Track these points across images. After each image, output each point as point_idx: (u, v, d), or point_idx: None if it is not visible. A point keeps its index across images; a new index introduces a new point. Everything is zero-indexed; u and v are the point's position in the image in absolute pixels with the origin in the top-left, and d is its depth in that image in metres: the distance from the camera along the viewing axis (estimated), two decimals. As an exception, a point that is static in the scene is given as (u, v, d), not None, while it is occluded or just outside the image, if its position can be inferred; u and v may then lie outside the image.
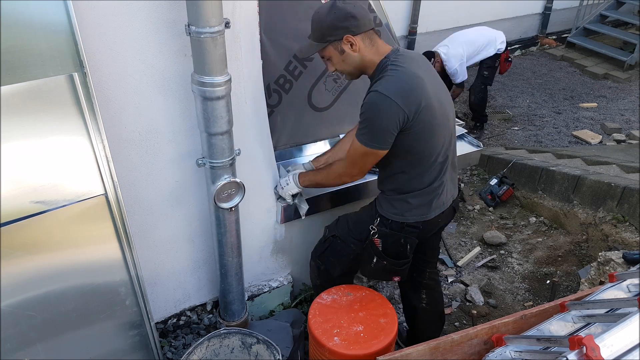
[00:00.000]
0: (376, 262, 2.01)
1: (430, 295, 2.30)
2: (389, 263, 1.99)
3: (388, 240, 1.96)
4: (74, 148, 1.45)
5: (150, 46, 1.65)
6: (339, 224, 2.17)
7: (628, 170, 3.49)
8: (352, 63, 1.81)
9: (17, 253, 1.46)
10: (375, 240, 1.98)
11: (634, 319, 1.30)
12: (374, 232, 1.97)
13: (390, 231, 1.95)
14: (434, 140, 1.81)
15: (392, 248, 1.97)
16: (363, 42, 1.76)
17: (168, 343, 2.27)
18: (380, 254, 1.99)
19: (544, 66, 6.80)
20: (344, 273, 2.22)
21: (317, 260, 2.24)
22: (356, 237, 2.07)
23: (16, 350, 1.58)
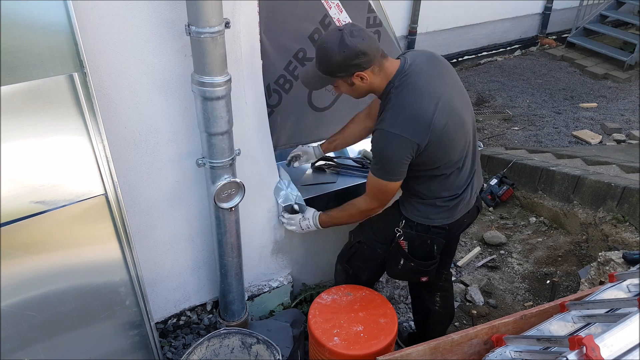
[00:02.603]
0: (403, 264, 2.00)
1: (445, 297, 2.30)
2: (416, 264, 1.99)
3: (414, 242, 1.96)
4: (74, 148, 1.45)
5: (150, 46, 1.65)
6: (364, 229, 2.15)
7: (628, 170, 3.49)
8: (361, 91, 1.81)
9: (17, 253, 1.46)
10: (402, 242, 1.97)
11: (634, 319, 1.30)
12: (400, 234, 1.96)
13: (416, 233, 1.93)
14: (452, 151, 1.79)
15: (419, 249, 1.96)
16: (373, 73, 1.74)
17: (168, 343, 2.27)
18: (407, 255, 1.98)
19: (544, 66, 6.80)
20: (372, 277, 2.24)
21: (345, 265, 2.23)
22: (382, 241, 2.06)
23: (16, 350, 1.58)
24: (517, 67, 6.73)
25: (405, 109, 1.70)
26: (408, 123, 1.68)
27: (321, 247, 2.39)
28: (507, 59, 7.06)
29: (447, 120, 1.72)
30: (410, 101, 1.70)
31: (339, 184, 2.41)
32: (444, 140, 1.74)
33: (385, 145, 1.72)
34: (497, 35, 6.94)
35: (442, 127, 1.71)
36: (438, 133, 1.70)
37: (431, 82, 1.74)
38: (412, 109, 1.69)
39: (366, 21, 2.38)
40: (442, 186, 1.85)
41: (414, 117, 1.69)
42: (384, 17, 2.52)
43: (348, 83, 1.77)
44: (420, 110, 1.69)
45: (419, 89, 1.72)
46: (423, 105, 1.70)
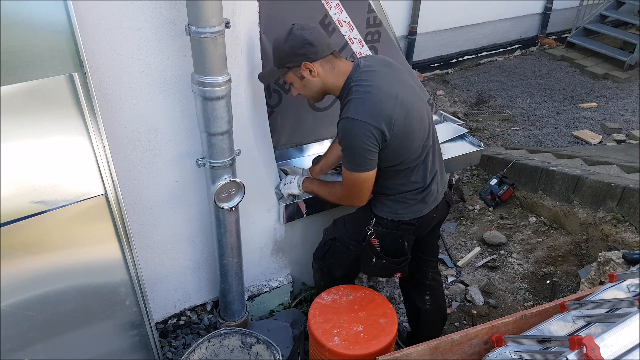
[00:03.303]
0: (376, 262, 2.03)
1: (434, 296, 2.31)
2: (388, 262, 2.01)
3: (385, 240, 1.98)
4: (74, 148, 1.45)
5: (150, 46, 1.65)
6: (336, 226, 2.18)
7: (628, 170, 3.49)
8: (314, 88, 1.85)
9: (17, 253, 1.46)
10: (373, 240, 1.99)
11: (634, 319, 1.30)
12: (371, 232, 1.99)
13: (386, 230, 1.96)
14: (413, 144, 1.83)
15: (390, 247, 1.99)
16: (322, 68, 1.79)
17: (168, 343, 2.27)
18: (378, 253, 2.00)
19: (544, 66, 6.81)
20: (347, 273, 2.24)
21: (319, 262, 2.25)
22: (354, 238, 2.08)
23: (16, 350, 1.58)
24: (517, 67, 6.73)
25: (369, 99, 1.73)
26: (372, 111, 1.72)
27: (321, 247, 2.40)
28: (507, 59, 7.06)
29: (406, 114, 1.77)
30: (373, 92, 1.74)
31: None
32: (406, 133, 1.78)
33: (352, 132, 1.73)
34: (497, 35, 6.94)
35: (403, 120, 1.76)
36: (400, 126, 1.75)
37: (386, 80, 1.80)
38: (376, 99, 1.73)
39: (366, 21, 2.38)
40: (408, 180, 1.90)
41: (377, 106, 1.72)
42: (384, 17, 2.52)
43: (298, 76, 1.82)
44: (382, 102, 1.73)
45: (377, 84, 1.76)
46: (384, 97, 1.74)
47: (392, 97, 1.75)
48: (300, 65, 1.77)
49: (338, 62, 1.82)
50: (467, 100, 5.84)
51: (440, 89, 6.11)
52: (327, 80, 1.82)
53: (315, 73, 1.79)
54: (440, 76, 6.45)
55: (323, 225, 2.43)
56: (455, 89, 6.12)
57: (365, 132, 1.71)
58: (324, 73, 1.80)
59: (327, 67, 1.80)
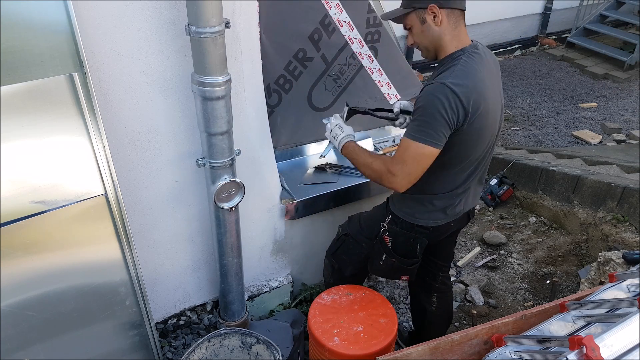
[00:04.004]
0: (385, 260, 2.00)
1: (442, 299, 2.29)
2: (398, 261, 1.98)
3: (398, 239, 1.95)
4: (74, 148, 1.45)
5: (150, 46, 1.65)
6: (351, 222, 2.16)
7: (628, 170, 3.49)
8: (431, 37, 1.72)
9: (17, 253, 1.46)
10: (385, 237, 1.97)
11: (634, 319, 1.30)
12: (385, 229, 1.97)
13: (400, 230, 1.93)
14: (477, 148, 1.75)
15: (402, 247, 1.96)
16: (447, 19, 1.68)
17: (168, 343, 2.27)
18: (389, 251, 1.98)
19: (544, 66, 6.80)
20: (356, 272, 2.22)
21: (331, 258, 2.24)
22: (367, 235, 2.06)
23: (16, 350, 1.58)
24: (517, 67, 6.73)
25: (470, 76, 1.63)
26: (467, 88, 1.60)
27: (321, 247, 2.39)
28: (507, 59, 7.06)
29: (489, 117, 1.70)
30: (476, 72, 1.65)
31: (340, 184, 2.41)
32: (477, 134, 1.69)
33: (437, 96, 1.59)
34: (497, 35, 6.94)
35: (484, 119, 1.67)
36: (479, 121, 1.66)
37: (491, 73, 1.73)
38: (476, 78, 1.64)
39: (366, 21, 2.38)
40: (443, 183, 1.82)
41: (474, 86, 1.62)
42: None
43: (420, 20, 1.71)
44: (481, 89, 1.64)
45: (484, 71, 1.68)
46: (483, 87, 1.65)
47: (488, 93, 1.67)
48: (427, 7, 1.66)
49: (462, 26, 1.71)
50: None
51: (440, 89, 6.10)
52: (445, 35, 1.69)
53: (439, 21, 1.67)
54: (440, 76, 6.45)
55: (323, 225, 2.44)
56: (455, 89, 6.11)
57: (452, 103, 1.58)
58: (447, 25, 1.68)
59: (452, 21, 1.68)
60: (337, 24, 2.29)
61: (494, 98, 1.71)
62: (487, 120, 1.69)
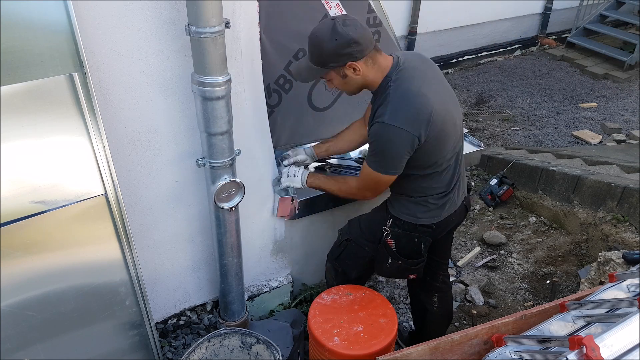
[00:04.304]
0: (391, 263, 2.01)
1: (442, 298, 2.30)
2: (404, 263, 2.00)
3: (402, 241, 1.97)
4: (74, 148, 1.45)
5: (150, 46, 1.65)
6: (352, 227, 2.16)
7: (628, 170, 3.49)
8: (354, 85, 1.79)
9: (17, 253, 1.46)
10: (389, 241, 1.98)
11: (634, 319, 1.30)
12: (387, 233, 1.97)
13: (403, 232, 1.95)
14: (445, 148, 1.80)
15: (406, 248, 1.97)
16: (366, 65, 1.72)
17: (168, 343, 2.27)
18: (394, 254, 1.99)
19: (544, 66, 6.80)
20: (362, 274, 2.24)
21: (334, 262, 2.24)
22: (369, 239, 2.07)
23: (16, 350, 1.58)
24: (517, 67, 6.73)
25: (406, 103, 1.68)
26: (409, 116, 1.67)
27: (321, 247, 2.39)
28: (507, 59, 7.05)
29: (443, 117, 1.74)
30: (411, 95, 1.69)
31: (339, 184, 2.40)
32: (440, 137, 1.75)
33: (387, 138, 1.69)
34: (497, 35, 6.94)
35: (440, 123, 1.72)
36: (436, 129, 1.71)
37: (426, 79, 1.75)
38: (414, 102, 1.68)
39: (366, 21, 2.38)
40: (432, 184, 1.87)
41: (415, 110, 1.68)
42: (384, 17, 2.52)
43: (340, 75, 1.74)
44: (420, 105, 1.68)
45: (417, 84, 1.71)
46: (423, 100, 1.69)
47: (429, 98, 1.69)
48: (345, 64, 1.70)
49: (379, 58, 1.74)
50: (467, 100, 5.83)
51: (440, 89, 6.10)
52: (368, 76, 1.75)
53: (359, 71, 1.71)
54: (440, 76, 6.45)
55: (323, 225, 2.43)
56: (455, 89, 6.12)
57: (401, 139, 1.67)
58: (367, 70, 1.73)
59: (370, 63, 1.72)
60: (337, 24, 2.28)
61: (438, 98, 1.73)
62: (442, 123, 1.73)
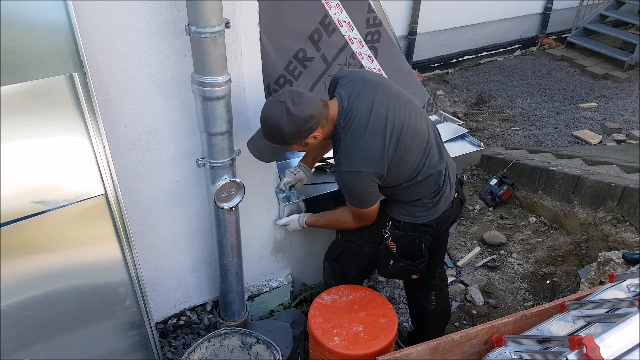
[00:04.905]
0: (393, 265, 2.03)
1: (439, 296, 2.31)
2: (406, 264, 2.01)
3: (402, 242, 1.98)
4: (74, 148, 1.45)
5: (150, 46, 1.65)
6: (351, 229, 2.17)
7: (628, 170, 3.49)
8: (316, 146, 1.92)
9: (17, 253, 1.46)
10: (390, 243, 1.99)
11: (634, 319, 1.30)
12: (387, 235, 1.99)
13: (403, 233, 1.96)
14: (412, 161, 1.84)
15: (407, 249, 1.99)
16: (322, 128, 1.78)
17: (168, 343, 2.27)
18: (395, 256, 2.00)
19: (544, 66, 6.80)
20: (360, 274, 2.25)
21: (332, 262, 2.25)
22: (369, 240, 2.08)
23: (16, 350, 1.58)
24: (517, 67, 6.73)
25: (357, 147, 1.76)
26: (363, 158, 1.75)
27: (321, 248, 2.39)
28: (507, 59, 7.06)
29: (398, 138, 1.77)
30: (359, 137, 1.75)
31: (339, 184, 2.40)
32: (404, 158, 1.80)
33: (349, 184, 1.81)
34: (497, 35, 6.94)
35: (396, 148, 1.77)
36: (396, 157, 1.78)
37: (372, 108, 1.77)
38: (364, 144, 1.75)
39: (366, 21, 2.38)
40: (422, 188, 1.90)
41: (366, 152, 1.75)
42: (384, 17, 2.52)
43: (303, 145, 1.83)
44: (371, 145, 1.75)
45: (364, 122, 1.75)
46: (372, 139, 1.75)
47: (380, 128, 1.74)
48: (308, 137, 1.77)
49: (329, 112, 1.78)
50: (467, 100, 5.84)
51: (440, 89, 6.11)
52: (326, 134, 1.82)
53: (319, 136, 1.79)
54: (440, 76, 6.45)
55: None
56: (455, 89, 6.12)
57: (362, 180, 1.77)
58: (324, 130, 1.80)
59: (324, 123, 1.78)
60: (337, 24, 2.29)
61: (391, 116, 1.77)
62: (400, 141, 1.78)
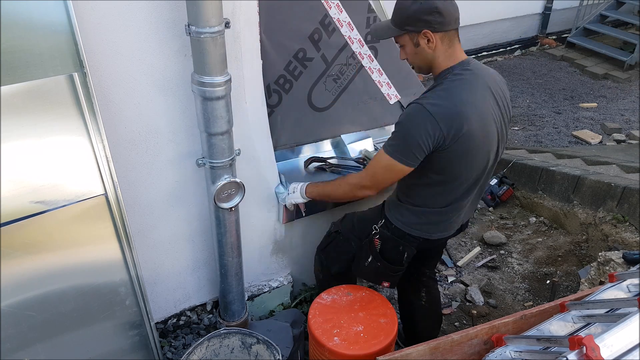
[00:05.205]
0: (370, 262, 2.00)
1: (430, 293, 2.31)
2: (383, 266, 1.98)
3: (387, 244, 1.96)
4: (74, 148, 1.45)
5: (150, 46, 1.65)
6: (345, 220, 2.17)
7: (628, 170, 3.49)
8: (424, 59, 1.71)
9: (17, 253, 1.46)
10: (376, 240, 1.97)
11: (634, 319, 1.30)
12: (376, 232, 1.97)
13: (391, 235, 1.94)
14: (469, 168, 1.73)
15: (390, 252, 1.97)
16: (441, 42, 1.65)
17: (168, 343, 2.27)
18: (376, 254, 1.98)
19: (544, 66, 6.80)
20: (342, 271, 2.21)
21: (320, 254, 2.25)
22: (358, 235, 2.07)
23: (16, 350, 1.58)
24: (517, 67, 6.73)
25: (451, 97, 1.62)
26: (446, 110, 1.60)
27: (321, 247, 2.40)
28: (507, 59, 7.06)
29: (477, 139, 1.65)
30: (459, 92, 1.63)
31: (339, 184, 2.40)
32: (465, 154, 1.67)
33: (414, 120, 1.63)
34: (497, 35, 6.94)
35: (471, 140, 1.64)
36: (464, 142, 1.63)
37: (484, 92, 1.68)
38: (457, 100, 1.61)
39: (366, 21, 2.38)
40: (437, 199, 1.82)
41: (454, 107, 1.60)
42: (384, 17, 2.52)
43: (414, 43, 1.68)
44: (462, 106, 1.61)
45: (474, 88, 1.65)
46: (467, 109, 1.61)
47: (478, 108, 1.63)
48: (421, 32, 1.63)
49: (456, 44, 1.68)
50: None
51: (440, 89, 6.10)
52: (439, 56, 1.68)
53: (433, 45, 1.64)
54: (440, 76, 6.45)
55: (324, 225, 2.43)
56: (455, 89, 6.12)
57: (427, 124, 1.59)
58: (440, 48, 1.66)
59: (446, 43, 1.66)
60: (337, 24, 2.29)
61: (484, 118, 1.66)
62: (474, 141, 1.65)
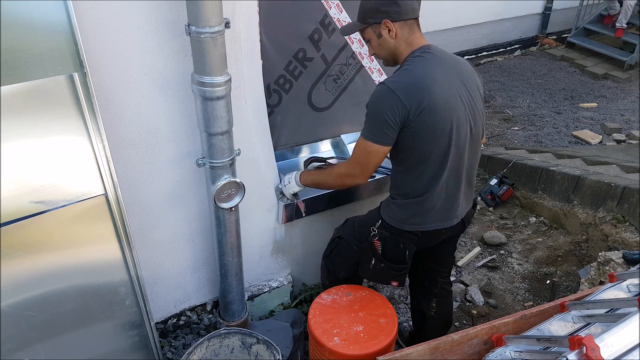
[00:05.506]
0: (374, 264, 2.00)
1: (441, 304, 2.28)
2: (387, 266, 1.98)
3: (388, 244, 1.96)
4: (74, 148, 1.45)
5: (150, 46, 1.65)
6: (346, 225, 2.17)
7: (628, 170, 3.49)
8: (387, 49, 1.82)
9: (17, 253, 1.46)
10: (376, 242, 1.97)
11: (634, 319, 1.30)
12: (374, 233, 1.97)
13: (390, 235, 1.94)
14: (438, 144, 1.76)
15: (391, 252, 1.96)
16: (401, 30, 1.76)
17: (168, 343, 2.27)
18: (378, 256, 1.98)
19: (544, 66, 6.81)
20: (349, 276, 2.21)
21: (325, 260, 2.25)
22: (359, 238, 2.07)
23: (16, 350, 1.58)
24: (517, 67, 6.73)
25: (411, 74, 1.72)
26: (406, 87, 1.69)
27: (321, 247, 2.39)
28: (507, 59, 7.06)
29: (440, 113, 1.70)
30: (419, 70, 1.72)
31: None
32: (429, 129, 1.71)
33: (379, 98, 1.73)
34: (497, 35, 6.95)
35: (434, 114, 1.69)
36: (427, 115, 1.69)
37: (447, 74, 1.75)
38: (417, 76, 1.71)
39: (366, 21, 2.38)
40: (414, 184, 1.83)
41: (415, 83, 1.70)
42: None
43: (377, 34, 1.80)
44: (422, 79, 1.70)
45: (434, 64, 1.74)
46: (427, 84, 1.69)
47: (435, 89, 1.69)
48: (381, 22, 1.75)
49: (416, 32, 1.79)
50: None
51: (440, 89, 6.11)
52: (400, 45, 1.79)
53: (393, 34, 1.76)
54: (440, 76, 6.45)
55: (323, 225, 2.43)
56: (455, 89, 6.12)
57: (392, 103, 1.68)
58: (401, 36, 1.77)
59: (406, 31, 1.77)
60: (337, 24, 2.29)
61: (446, 92, 1.72)
62: (438, 114, 1.70)
